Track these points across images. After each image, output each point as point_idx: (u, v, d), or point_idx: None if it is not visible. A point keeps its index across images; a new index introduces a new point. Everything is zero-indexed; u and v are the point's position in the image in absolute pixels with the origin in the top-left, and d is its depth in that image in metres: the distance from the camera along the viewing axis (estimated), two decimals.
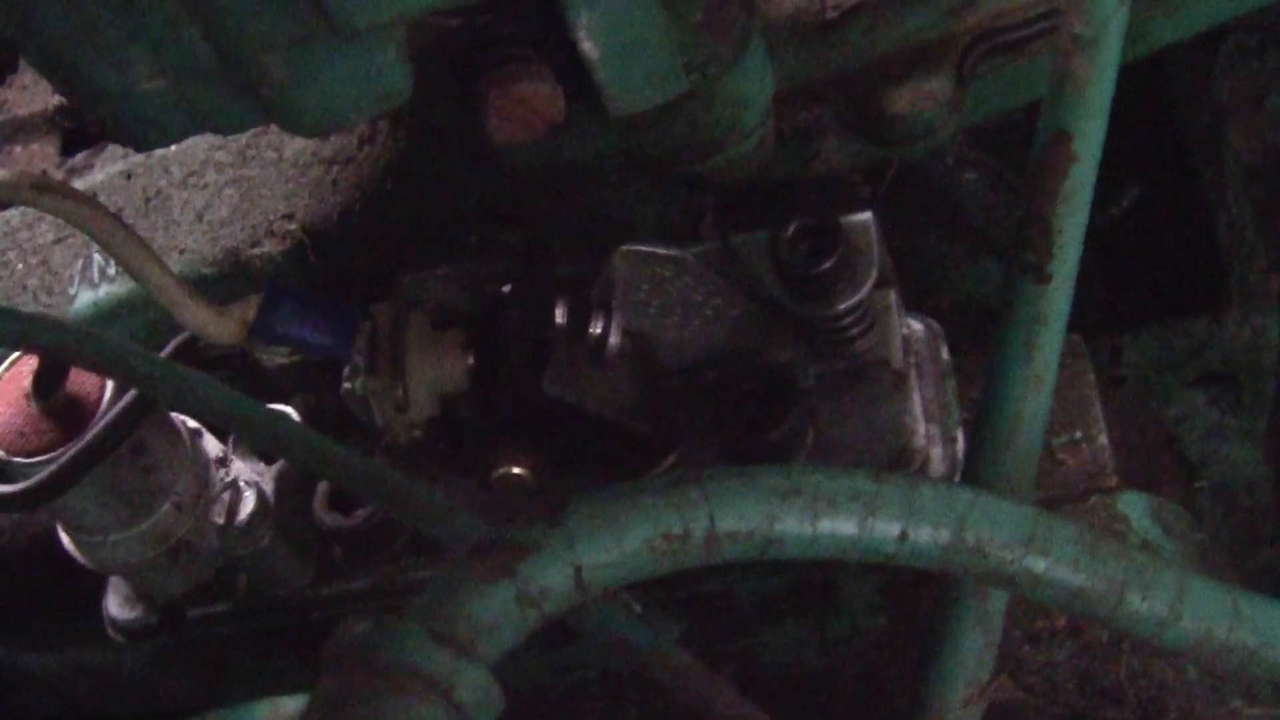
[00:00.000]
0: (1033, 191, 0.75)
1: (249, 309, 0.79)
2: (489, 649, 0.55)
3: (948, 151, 1.09)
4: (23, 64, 1.38)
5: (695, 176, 0.88)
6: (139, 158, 1.01)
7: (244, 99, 0.72)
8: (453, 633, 0.54)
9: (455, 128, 0.85)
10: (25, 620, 1.11)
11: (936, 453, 0.85)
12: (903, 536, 0.61)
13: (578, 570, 0.57)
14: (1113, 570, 0.64)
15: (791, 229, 0.79)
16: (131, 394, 0.80)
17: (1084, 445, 0.88)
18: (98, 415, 0.82)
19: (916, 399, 0.85)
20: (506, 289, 0.83)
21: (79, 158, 1.19)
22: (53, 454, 0.82)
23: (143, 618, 0.93)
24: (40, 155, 1.30)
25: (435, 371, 0.82)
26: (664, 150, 0.83)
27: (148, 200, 0.98)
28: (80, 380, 0.83)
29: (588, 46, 0.72)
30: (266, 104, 0.72)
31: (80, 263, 0.98)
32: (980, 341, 0.96)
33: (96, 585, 1.02)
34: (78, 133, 1.29)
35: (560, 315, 0.80)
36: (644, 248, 0.83)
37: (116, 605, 0.94)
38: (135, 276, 0.76)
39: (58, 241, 1.00)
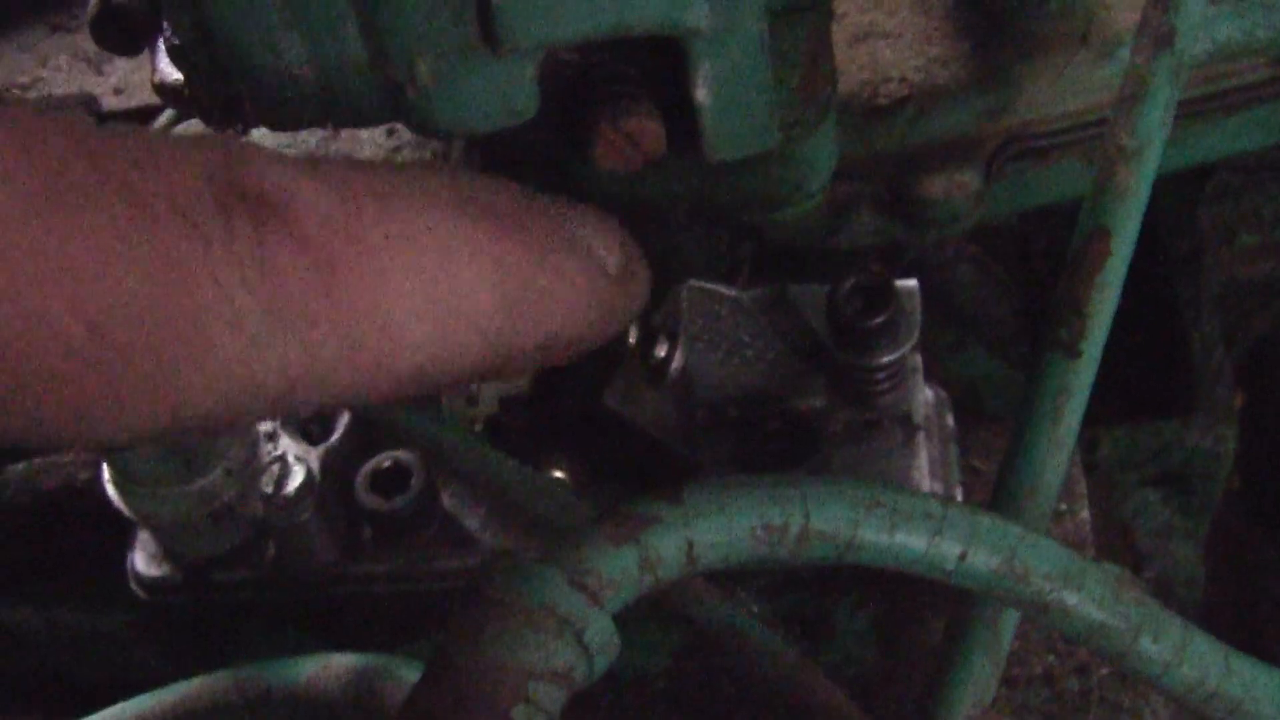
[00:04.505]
0: (1071, 277, 0.84)
1: None
2: (611, 602, 0.62)
3: (947, 245, 1.18)
4: (54, 45, 1.43)
5: (748, 229, 0.96)
6: None
7: (382, 96, 0.79)
8: (586, 582, 0.61)
9: (539, 154, 0.92)
10: (14, 576, 1.13)
11: None
12: (963, 557, 0.68)
13: (690, 545, 0.64)
14: (1131, 612, 0.72)
15: (850, 283, 0.87)
16: None
17: (1068, 518, 0.97)
18: None
19: (924, 456, 0.93)
20: None
21: None
22: None
23: (169, 575, 0.97)
24: None
25: None
26: (735, 199, 0.90)
27: None
28: None
29: (701, 94, 0.80)
30: (404, 104, 0.78)
31: None
32: (964, 421, 1.04)
33: (90, 551, 1.06)
34: (106, 119, 1.33)
35: (631, 335, 0.86)
36: (708, 285, 0.90)
37: (143, 562, 0.98)
38: None
39: None
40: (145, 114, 1.26)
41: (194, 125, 1.11)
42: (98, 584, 1.07)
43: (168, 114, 1.15)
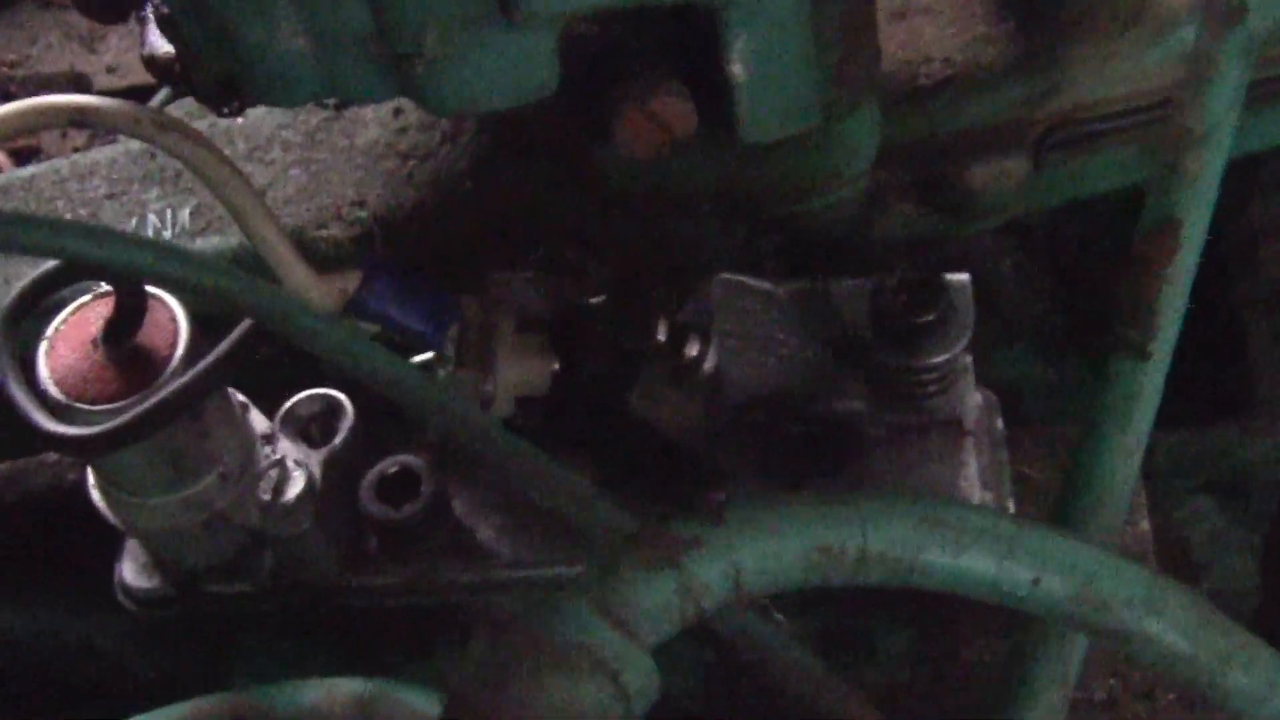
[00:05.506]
0: (1138, 273, 0.78)
1: (350, 280, 0.78)
2: (650, 637, 0.55)
3: (985, 237, 1.11)
4: (45, 22, 1.36)
5: (775, 220, 0.89)
6: (202, 125, 0.99)
7: (386, 70, 0.72)
8: (622, 616, 0.54)
9: (557, 141, 0.85)
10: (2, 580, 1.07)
11: None
12: (1035, 582, 0.62)
13: (737, 571, 0.57)
14: (1220, 642, 0.65)
15: (896, 278, 0.80)
16: (222, 346, 0.78)
17: (1128, 529, 0.90)
18: (167, 370, 0.80)
19: (974, 463, 0.87)
20: (594, 301, 0.83)
21: None
22: (117, 403, 0.79)
23: (159, 588, 0.90)
24: None
25: (520, 372, 0.81)
26: (767, 187, 0.84)
27: (187, 125, 0.96)
28: (152, 333, 0.81)
29: (736, 69, 0.73)
30: (411, 79, 0.72)
31: (134, 221, 0.96)
32: (1010, 423, 0.97)
33: (81, 554, 0.99)
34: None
35: (661, 333, 0.80)
36: (740, 278, 0.83)
37: (132, 573, 0.91)
38: (243, 228, 0.75)
39: (110, 197, 0.98)
40: (138, 94, 1.19)
41: (188, 105, 1.04)
42: (88, 589, 1.00)
43: (162, 93, 1.09)
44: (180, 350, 0.81)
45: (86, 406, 0.79)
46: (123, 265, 0.68)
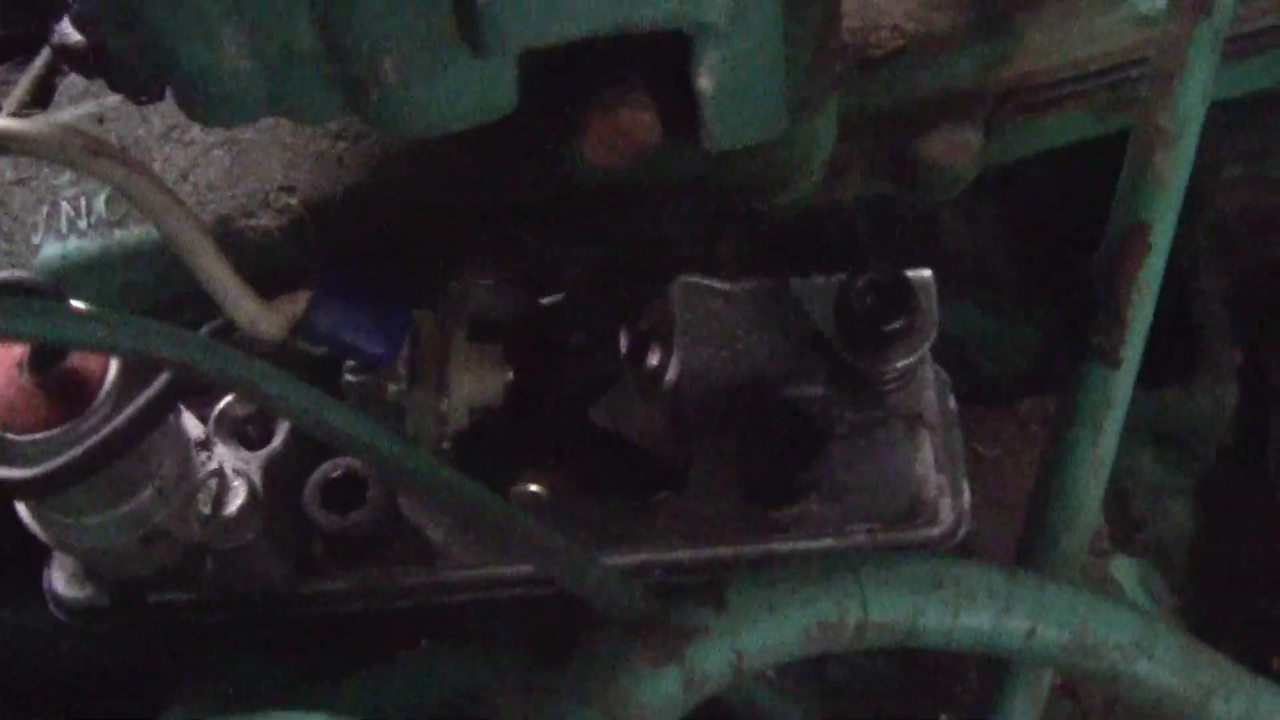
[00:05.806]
0: (1108, 278, 0.76)
1: (297, 305, 0.74)
2: None
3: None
4: None
5: (746, 213, 0.86)
6: (113, 100, 0.93)
7: (337, 93, 0.68)
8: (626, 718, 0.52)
9: (522, 141, 0.81)
10: None
11: (946, 504, 0.85)
12: (1031, 634, 0.61)
13: (739, 655, 0.56)
14: (1204, 675, 0.65)
15: (864, 280, 0.78)
16: (166, 374, 0.74)
17: None
18: (100, 394, 0.76)
19: (928, 448, 0.86)
20: (547, 301, 0.80)
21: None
22: (48, 432, 0.75)
23: (94, 597, 0.87)
24: None
25: (475, 385, 0.78)
26: (734, 185, 0.81)
27: (123, 150, 0.91)
28: (83, 354, 0.77)
29: (704, 82, 0.70)
30: (365, 102, 0.67)
31: (46, 209, 0.90)
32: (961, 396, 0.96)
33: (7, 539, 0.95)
34: None
35: (623, 343, 0.77)
36: (700, 280, 0.81)
37: (62, 582, 0.87)
38: (183, 260, 0.71)
39: (19, 182, 0.92)
40: (27, 44, 1.12)
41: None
42: (19, 575, 0.96)
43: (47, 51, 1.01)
44: (113, 372, 0.76)
45: (16, 438, 0.75)
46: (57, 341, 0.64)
